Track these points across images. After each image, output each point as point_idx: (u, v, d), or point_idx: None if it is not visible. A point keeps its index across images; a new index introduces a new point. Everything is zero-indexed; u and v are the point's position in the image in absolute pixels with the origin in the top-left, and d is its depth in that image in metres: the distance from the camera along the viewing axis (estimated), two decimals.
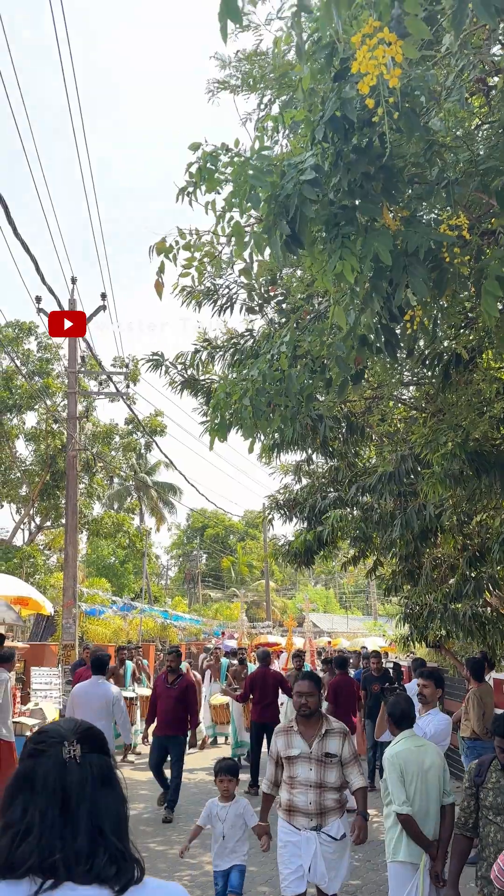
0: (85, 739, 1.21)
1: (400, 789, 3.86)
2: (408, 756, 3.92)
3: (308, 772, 3.99)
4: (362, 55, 1.90)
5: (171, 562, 54.78)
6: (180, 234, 3.97)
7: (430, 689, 5.14)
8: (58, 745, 1.18)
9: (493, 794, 3.43)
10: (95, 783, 1.17)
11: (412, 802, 3.84)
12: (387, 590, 11.58)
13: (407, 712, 4.15)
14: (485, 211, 3.88)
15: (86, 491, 19.78)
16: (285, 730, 4.18)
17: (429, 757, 3.95)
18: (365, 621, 46.39)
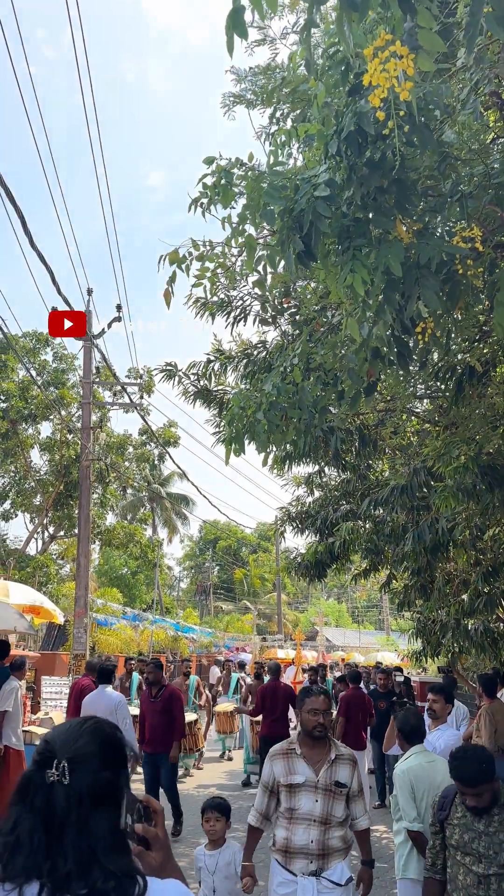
0: (77, 759, 1.16)
1: (411, 805, 3.80)
2: (419, 772, 3.87)
3: (313, 804, 3.36)
4: (373, 68, 1.92)
5: (183, 573, 54.77)
6: (193, 246, 4.00)
7: (440, 705, 5.08)
8: (47, 766, 1.15)
9: (458, 830, 3.10)
10: (86, 804, 1.13)
11: (423, 819, 3.78)
12: (399, 604, 11.48)
13: (417, 727, 4.10)
14: (499, 224, 3.88)
15: (99, 501, 19.86)
16: (284, 753, 3.52)
17: (440, 773, 3.90)
18: (377, 636, 45.97)
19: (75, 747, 1.18)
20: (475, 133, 3.66)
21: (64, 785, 1.14)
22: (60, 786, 1.13)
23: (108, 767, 1.19)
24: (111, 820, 1.15)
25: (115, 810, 1.17)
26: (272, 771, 3.49)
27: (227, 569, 50.05)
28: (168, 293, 4.02)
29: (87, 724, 1.25)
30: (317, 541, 10.19)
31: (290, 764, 3.47)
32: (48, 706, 11.36)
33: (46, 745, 1.21)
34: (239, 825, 8.33)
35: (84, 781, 1.15)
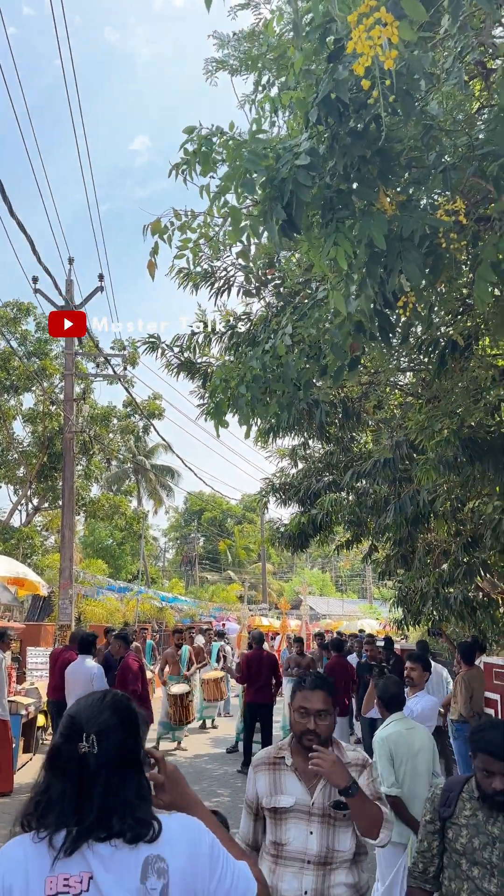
0: (102, 732, 1.37)
1: (389, 771, 3.92)
2: (398, 739, 3.98)
3: (306, 836, 2.41)
4: (358, 35, 1.88)
5: (169, 544, 55.03)
6: (175, 216, 3.94)
7: (418, 672, 5.19)
8: (77, 739, 1.36)
9: (466, 833, 2.43)
10: (111, 767, 1.35)
11: (401, 784, 3.90)
12: (381, 574, 11.66)
13: (397, 695, 4.20)
14: (482, 196, 3.86)
15: (83, 473, 19.80)
16: (271, 763, 2.56)
17: (418, 739, 4.01)
18: (360, 604, 46.70)
19: (100, 721, 1.39)
20: (459, 103, 3.62)
21: (94, 754, 1.35)
22: (91, 755, 1.35)
23: (129, 735, 1.41)
24: (135, 778, 1.38)
25: (138, 769, 1.40)
26: (255, 786, 2.56)
27: (213, 539, 50.37)
28: (152, 264, 3.97)
29: (107, 699, 1.45)
30: (300, 512, 10.28)
31: (276, 779, 2.52)
32: (33, 676, 11.47)
33: (73, 721, 1.40)
34: (223, 790, 8.54)
35: (111, 750, 1.36)
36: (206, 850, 1.36)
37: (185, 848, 1.33)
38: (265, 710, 9.37)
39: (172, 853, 1.31)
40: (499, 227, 3.20)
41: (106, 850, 1.29)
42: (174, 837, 1.34)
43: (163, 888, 1.28)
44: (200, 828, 1.39)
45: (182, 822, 1.39)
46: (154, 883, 1.28)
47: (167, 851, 1.31)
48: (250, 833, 2.62)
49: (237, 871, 1.39)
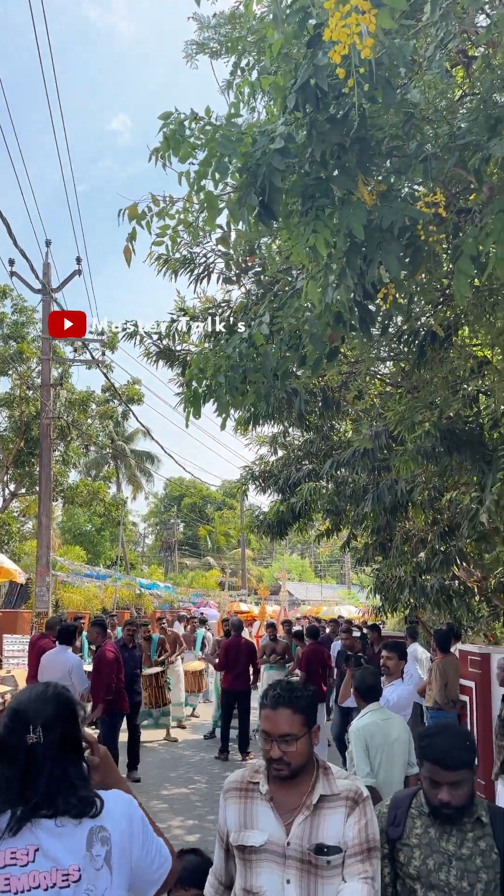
0: (47, 724, 1.51)
1: (364, 761, 3.94)
2: (373, 729, 4.00)
3: (281, 885, 1.92)
4: (335, 22, 1.84)
5: (148, 530, 54.92)
6: (154, 201, 3.86)
7: (394, 661, 5.22)
8: (24, 731, 1.49)
9: (419, 854, 2.12)
10: (55, 754, 1.49)
11: (376, 774, 3.93)
12: (359, 561, 11.74)
13: (373, 686, 4.21)
14: (463, 187, 3.83)
15: (61, 458, 19.62)
16: (243, 787, 2.10)
17: (394, 730, 4.04)
18: (339, 590, 47.11)
19: (45, 714, 1.52)
20: (441, 91, 3.57)
21: (41, 744, 1.48)
22: (38, 745, 1.48)
23: (71, 726, 1.55)
24: (76, 762, 1.53)
25: (79, 754, 1.56)
26: (224, 816, 2.11)
27: (192, 526, 50.36)
28: (128, 250, 3.89)
29: (49, 693, 1.58)
30: (279, 500, 10.29)
31: (247, 810, 2.05)
32: (10, 664, 11.41)
33: (19, 714, 1.52)
34: (200, 776, 8.59)
35: (55, 739, 1.50)
36: (138, 822, 1.55)
37: (122, 819, 1.52)
38: (242, 696, 9.41)
39: (113, 824, 1.49)
40: (479, 219, 3.18)
41: (51, 825, 1.43)
42: (114, 810, 1.51)
43: (106, 854, 1.46)
44: (133, 803, 1.58)
45: (119, 797, 1.57)
46: (98, 850, 1.45)
47: (109, 823, 1.48)
48: (222, 869, 2.15)
49: (158, 845, 1.60)
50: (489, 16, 4.34)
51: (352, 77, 2.02)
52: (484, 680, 7.02)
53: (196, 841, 6.39)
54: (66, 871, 1.39)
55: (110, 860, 1.45)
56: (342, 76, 2.12)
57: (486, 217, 3.07)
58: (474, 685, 7.14)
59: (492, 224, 2.93)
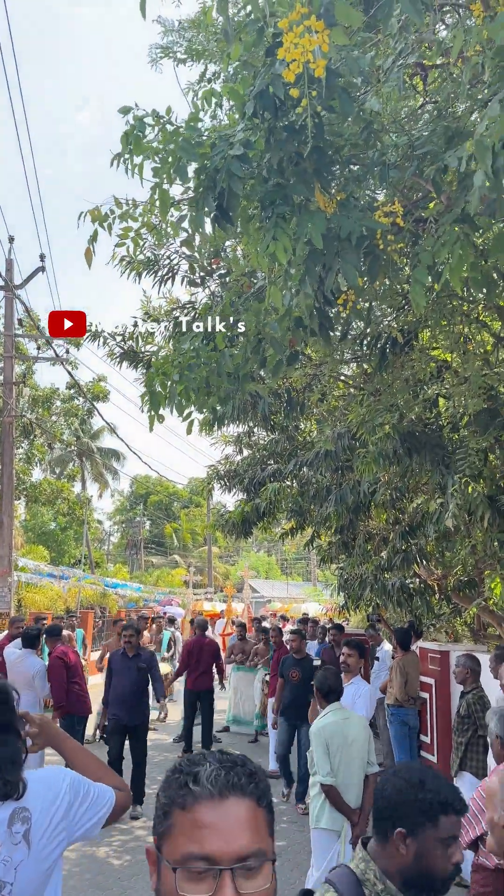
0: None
1: (325, 761, 4.01)
2: (334, 729, 4.07)
3: None
4: (288, 42, 1.86)
5: (114, 528, 54.47)
6: (116, 203, 3.84)
7: (354, 659, 5.30)
8: None
9: None
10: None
11: (336, 773, 4.00)
12: (323, 560, 11.84)
13: (334, 687, 4.28)
14: (422, 195, 3.90)
15: (24, 456, 19.33)
16: None
17: (353, 729, 4.11)
18: (305, 587, 47.41)
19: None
20: (400, 101, 3.63)
21: None
22: None
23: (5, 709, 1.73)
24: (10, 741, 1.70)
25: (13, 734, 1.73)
26: None
27: (159, 523, 50.11)
28: (89, 252, 3.87)
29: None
30: (244, 499, 10.32)
31: None
32: None
33: None
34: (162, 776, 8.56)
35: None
36: (63, 791, 1.71)
37: (45, 797, 1.69)
38: (205, 696, 9.43)
39: (35, 804, 1.67)
40: (434, 229, 3.24)
41: None
42: (37, 790, 1.69)
43: (25, 831, 1.64)
44: (59, 776, 1.75)
45: (44, 775, 1.75)
46: (18, 828, 1.63)
47: (31, 803, 1.66)
48: None
49: (96, 792, 1.78)
50: (448, 26, 4.43)
51: (305, 97, 2.04)
52: (443, 677, 7.17)
53: None
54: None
55: (28, 836, 1.64)
56: (296, 95, 2.14)
57: (441, 227, 3.13)
58: (434, 682, 7.28)
59: (447, 235, 3.00)
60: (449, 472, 5.67)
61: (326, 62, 1.90)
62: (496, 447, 5.55)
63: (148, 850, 0.98)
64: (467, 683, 5.43)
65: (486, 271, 3.73)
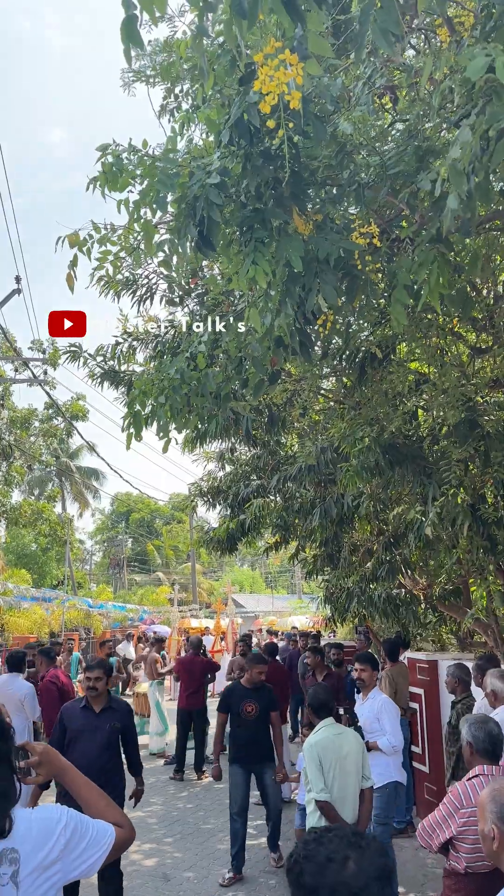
0: None
1: (318, 777, 3.99)
2: (326, 744, 4.06)
3: None
4: (264, 75, 1.90)
5: (96, 547, 53.96)
6: (95, 228, 3.87)
7: (368, 673, 5.19)
8: None
9: None
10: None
11: (330, 789, 3.99)
12: (308, 573, 11.85)
13: (325, 703, 4.26)
14: (396, 214, 3.98)
15: (3, 478, 19.14)
16: None
17: (346, 743, 4.10)
18: (290, 600, 47.30)
19: None
20: (370, 123, 3.71)
21: None
22: None
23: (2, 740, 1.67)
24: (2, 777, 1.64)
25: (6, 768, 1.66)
26: None
27: (141, 541, 49.76)
28: (70, 277, 3.89)
29: None
30: (228, 516, 10.31)
31: None
32: None
33: None
34: (156, 797, 8.46)
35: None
36: (59, 832, 1.67)
37: (37, 837, 1.65)
38: (197, 715, 9.35)
39: (25, 845, 1.62)
40: (411, 248, 3.31)
41: None
42: (30, 829, 1.64)
43: (13, 872, 1.59)
44: (56, 817, 1.70)
45: (40, 815, 1.70)
46: (5, 869, 1.59)
47: (20, 843, 1.61)
48: None
49: (95, 830, 1.74)
50: (414, 48, 4.54)
51: (281, 129, 2.08)
52: (432, 687, 7.19)
53: (154, 865, 6.29)
54: None
55: (17, 878, 1.61)
56: (272, 126, 2.18)
57: (417, 247, 3.20)
58: (423, 692, 7.30)
59: (423, 255, 3.06)
60: (431, 482, 5.74)
61: (305, 93, 1.94)
62: (476, 457, 5.62)
63: None
64: (458, 693, 5.46)
65: (460, 287, 3.81)
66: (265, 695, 6.10)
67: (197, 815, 7.81)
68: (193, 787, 9.01)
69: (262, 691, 6.12)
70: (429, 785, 6.98)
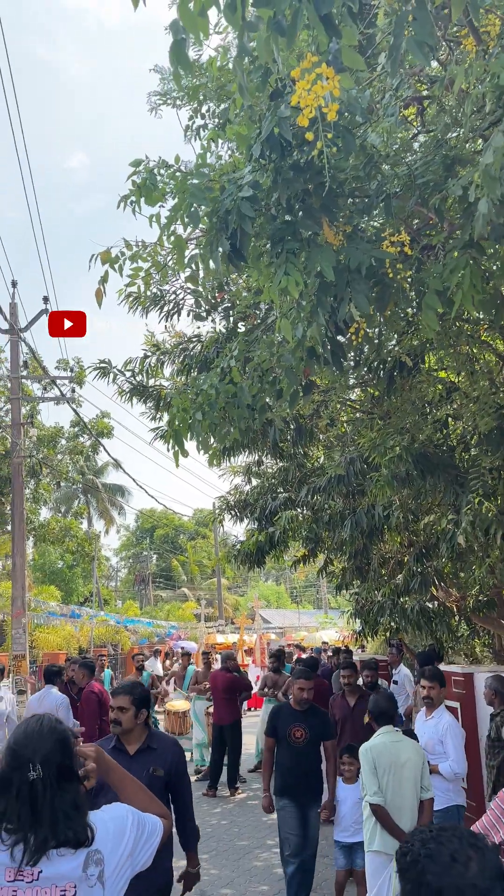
0: (46, 760, 1.66)
1: (372, 780, 3.98)
2: (381, 749, 4.04)
3: None
4: (301, 89, 1.95)
5: (121, 563, 54.17)
6: (126, 246, 3.95)
7: (436, 690, 5.02)
8: (25, 769, 1.64)
9: None
10: (55, 786, 1.65)
11: (384, 794, 3.96)
12: (337, 587, 11.77)
13: (386, 710, 4.23)
14: (426, 223, 4.00)
15: (32, 496, 19.35)
16: None
17: (405, 752, 4.06)
18: (316, 615, 46.92)
19: (42, 750, 1.67)
20: (397, 134, 3.74)
21: (41, 779, 1.65)
22: (38, 780, 1.64)
23: (65, 755, 1.70)
24: (72, 792, 1.67)
25: (75, 782, 1.70)
26: None
27: (166, 557, 49.83)
28: (100, 292, 3.97)
29: (44, 727, 1.72)
30: (256, 529, 10.30)
31: None
32: None
33: (18, 753, 1.68)
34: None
35: (52, 772, 1.66)
36: (129, 830, 1.76)
37: (114, 837, 1.73)
38: (230, 730, 9.28)
39: (106, 846, 1.70)
40: (442, 255, 3.32)
41: (54, 853, 1.63)
42: (107, 830, 1.72)
43: (100, 873, 1.68)
44: (124, 815, 1.79)
45: (112, 815, 1.77)
46: (93, 870, 1.66)
47: (102, 845, 1.69)
48: None
49: (149, 824, 1.83)
50: (440, 61, 4.58)
51: (320, 140, 2.12)
52: (468, 700, 7.07)
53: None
54: (63, 888, 1.63)
55: (103, 877, 1.69)
56: (310, 138, 2.23)
57: (448, 253, 3.21)
58: (459, 706, 7.18)
59: (455, 261, 3.07)
60: (463, 491, 5.70)
61: (338, 105, 1.98)
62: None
63: None
64: (496, 705, 5.36)
65: (492, 293, 3.81)
66: (318, 720, 5.22)
67: (231, 832, 7.74)
68: (227, 804, 8.93)
69: (315, 715, 5.23)
70: (468, 801, 6.84)
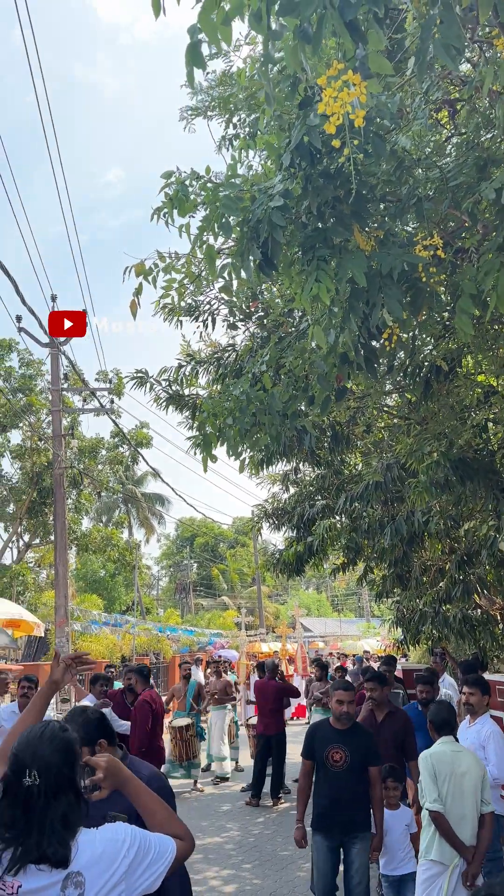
0: (44, 767, 1.63)
1: (432, 787, 3.91)
2: (441, 757, 3.98)
3: None
4: (328, 96, 1.95)
5: (162, 572, 54.59)
6: (160, 258, 4.01)
7: (477, 697, 4.94)
8: (22, 774, 1.62)
9: None
10: (49, 796, 1.61)
11: (444, 802, 3.89)
12: (378, 595, 11.64)
13: (447, 720, 4.16)
14: (459, 226, 3.95)
15: (73, 506, 19.69)
16: None
17: (464, 762, 3.98)
18: (357, 623, 46.44)
19: (39, 756, 1.64)
20: (428, 138, 3.71)
21: (36, 786, 1.62)
22: (34, 787, 1.62)
23: (65, 763, 1.66)
24: (66, 805, 1.63)
25: (72, 794, 1.65)
26: None
27: (205, 565, 50.04)
28: (134, 304, 4.03)
29: (45, 734, 1.68)
30: (294, 537, 10.27)
31: None
32: None
33: (18, 758, 1.65)
34: (232, 823, 8.38)
35: (50, 780, 1.63)
36: (123, 853, 1.67)
37: (102, 861, 1.65)
38: (275, 740, 9.24)
39: (90, 869, 1.63)
40: (476, 258, 3.28)
41: (34, 868, 1.59)
42: (95, 852, 1.65)
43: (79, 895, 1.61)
44: (121, 838, 1.70)
45: (106, 836, 1.70)
46: (71, 892, 1.60)
47: (86, 867, 1.63)
48: None
49: (158, 846, 1.73)
50: (470, 61, 4.53)
51: (347, 147, 2.12)
52: None
53: (234, 892, 6.23)
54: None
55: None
56: (337, 146, 2.23)
57: (482, 256, 3.16)
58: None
59: (489, 263, 3.03)
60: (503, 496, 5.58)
61: (365, 112, 1.98)
62: None
63: None
64: None
65: None
66: (362, 741, 4.50)
67: (275, 842, 7.69)
68: (270, 813, 8.88)
69: (358, 736, 4.53)
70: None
